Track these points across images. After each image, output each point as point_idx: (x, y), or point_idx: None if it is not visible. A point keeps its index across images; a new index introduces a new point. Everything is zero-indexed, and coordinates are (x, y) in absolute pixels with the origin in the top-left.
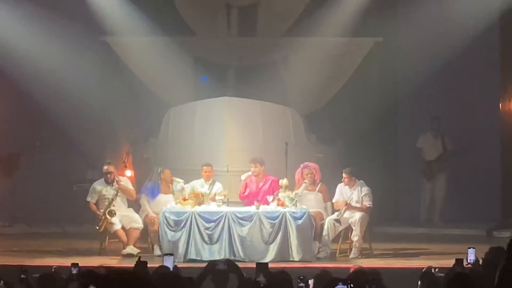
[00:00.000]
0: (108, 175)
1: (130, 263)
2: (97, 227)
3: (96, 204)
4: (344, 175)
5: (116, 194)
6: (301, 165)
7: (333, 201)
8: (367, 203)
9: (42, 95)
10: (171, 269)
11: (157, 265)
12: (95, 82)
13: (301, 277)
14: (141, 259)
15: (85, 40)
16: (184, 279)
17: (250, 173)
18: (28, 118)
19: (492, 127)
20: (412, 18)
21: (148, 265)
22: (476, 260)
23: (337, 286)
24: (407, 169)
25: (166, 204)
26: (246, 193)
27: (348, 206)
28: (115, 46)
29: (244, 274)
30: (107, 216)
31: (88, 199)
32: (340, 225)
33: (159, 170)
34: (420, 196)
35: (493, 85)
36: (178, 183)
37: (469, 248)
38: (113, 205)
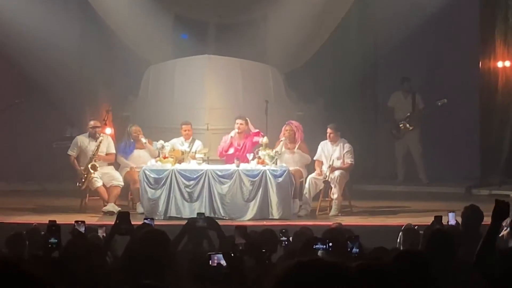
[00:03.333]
0: (97, 129)
1: (111, 220)
2: (79, 184)
3: (76, 159)
4: (329, 130)
5: (97, 150)
6: (286, 122)
7: (314, 158)
8: (349, 160)
9: (20, 53)
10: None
11: (139, 223)
12: (74, 39)
13: (283, 231)
14: (122, 211)
15: None
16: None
17: (233, 132)
18: (6, 76)
19: (472, 85)
20: None
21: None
22: (457, 224)
23: (316, 246)
24: (386, 128)
25: (141, 157)
26: (230, 152)
27: (332, 168)
28: (94, 3)
29: (224, 232)
30: (90, 169)
31: (70, 152)
32: (331, 185)
33: (128, 129)
34: None
35: (473, 43)
36: (158, 141)
37: (450, 212)
38: (95, 161)
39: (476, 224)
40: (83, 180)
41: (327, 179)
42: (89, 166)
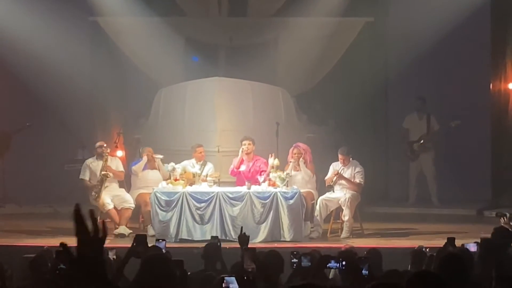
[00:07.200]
0: (103, 148)
1: (122, 243)
2: (93, 194)
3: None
4: (340, 156)
5: (106, 162)
6: (294, 145)
7: (325, 178)
8: (358, 179)
9: (32, 76)
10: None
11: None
12: (85, 62)
13: (294, 252)
14: (139, 234)
15: (75, 20)
16: (174, 261)
17: (240, 150)
18: (18, 99)
19: (483, 107)
20: None
21: None
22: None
23: (329, 264)
24: (397, 150)
25: (152, 179)
26: (241, 169)
27: (339, 176)
28: (105, 26)
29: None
30: (103, 177)
31: (82, 177)
32: (334, 192)
33: (140, 150)
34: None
35: (484, 65)
36: (169, 164)
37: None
38: (105, 171)
39: (505, 245)
40: (95, 194)
41: (332, 183)
42: (102, 174)
